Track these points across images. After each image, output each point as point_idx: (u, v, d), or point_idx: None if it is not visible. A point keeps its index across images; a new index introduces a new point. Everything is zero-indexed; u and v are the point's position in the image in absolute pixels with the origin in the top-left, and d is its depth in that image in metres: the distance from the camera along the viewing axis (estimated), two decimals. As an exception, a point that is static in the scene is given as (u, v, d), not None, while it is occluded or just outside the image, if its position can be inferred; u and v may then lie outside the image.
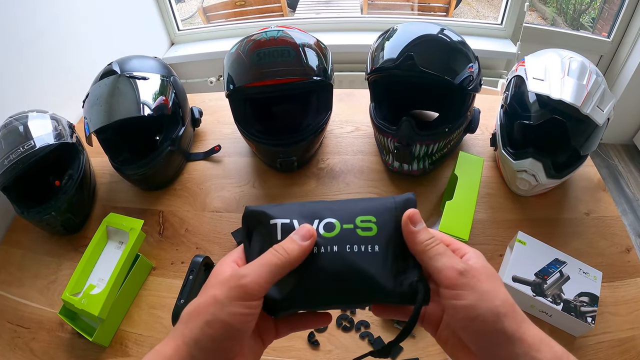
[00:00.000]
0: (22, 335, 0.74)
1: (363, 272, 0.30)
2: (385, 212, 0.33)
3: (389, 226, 0.32)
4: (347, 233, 0.32)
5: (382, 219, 0.32)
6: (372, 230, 0.32)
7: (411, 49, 0.75)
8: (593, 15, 2.08)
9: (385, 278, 0.31)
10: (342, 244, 0.31)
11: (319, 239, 0.31)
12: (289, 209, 0.33)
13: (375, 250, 0.31)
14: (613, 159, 1.92)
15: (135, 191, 0.95)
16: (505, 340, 0.27)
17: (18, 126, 0.82)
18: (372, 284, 0.30)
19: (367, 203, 0.34)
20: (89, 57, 1.23)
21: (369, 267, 0.31)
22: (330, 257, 0.31)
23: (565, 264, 0.68)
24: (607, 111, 0.74)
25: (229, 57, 0.83)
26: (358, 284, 0.31)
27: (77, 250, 0.86)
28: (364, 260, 0.31)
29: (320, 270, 0.31)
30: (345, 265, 0.31)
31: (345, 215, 0.32)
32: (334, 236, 0.31)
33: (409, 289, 0.30)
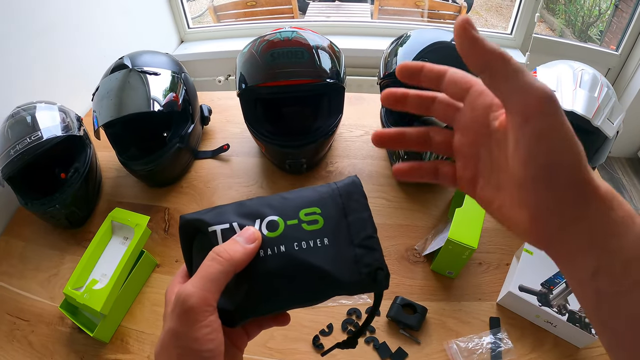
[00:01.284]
0: (21, 327, 0.74)
1: (316, 269, 0.28)
2: (329, 200, 0.31)
3: (335, 215, 0.30)
4: (293, 230, 0.29)
5: (326, 208, 0.30)
6: (318, 222, 0.30)
7: (425, 55, 0.75)
8: (601, 27, 2.09)
9: (341, 271, 0.29)
10: (289, 243, 0.29)
11: (264, 239, 0.29)
12: (225, 211, 0.30)
13: (325, 243, 0.29)
14: (617, 172, 1.92)
15: (142, 187, 0.94)
16: (581, 195, 0.22)
17: (26, 116, 0.81)
18: (329, 280, 0.28)
19: (309, 193, 0.31)
20: (98, 51, 1.23)
21: (322, 262, 0.28)
22: (278, 258, 0.29)
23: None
24: (617, 124, 0.74)
25: (242, 57, 0.83)
26: (313, 282, 0.29)
27: (80, 244, 0.85)
28: (315, 256, 0.29)
29: (270, 274, 0.28)
30: (296, 265, 0.28)
31: (287, 210, 0.30)
32: (278, 235, 0.29)
33: (368, 277, 0.28)
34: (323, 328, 0.67)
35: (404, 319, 0.65)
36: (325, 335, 0.66)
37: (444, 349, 0.64)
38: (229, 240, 0.28)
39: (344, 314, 0.69)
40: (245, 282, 0.28)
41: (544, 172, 0.22)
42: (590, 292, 0.23)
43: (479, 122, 0.26)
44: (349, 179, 0.32)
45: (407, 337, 0.65)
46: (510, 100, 0.22)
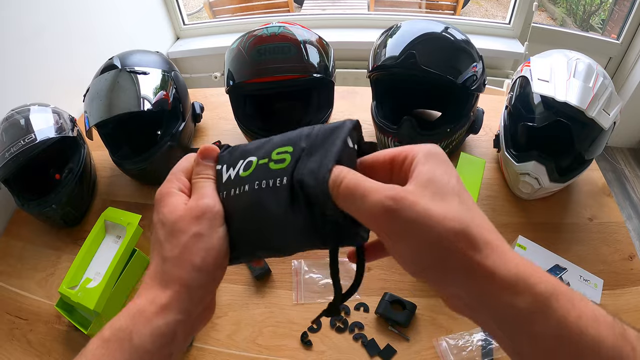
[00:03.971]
0: (20, 326, 0.75)
1: (267, 211, 0.26)
2: (304, 138, 0.28)
3: (303, 156, 0.27)
4: (260, 169, 0.28)
5: (298, 147, 0.27)
6: (284, 161, 0.27)
7: (414, 47, 0.74)
8: (603, 16, 2.04)
9: (295, 214, 0.26)
10: (252, 182, 0.27)
11: (236, 180, 0.28)
12: (234, 150, 0.31)
13: (283, 182, 0.26)
14: (619, 163, 1.89)
15: (136, 186, 0.95)
16: (463, 275, 0.22)
17: (19, 119, 0.82)
18: (278, 223, 0.26)
19: (294, 133, 0.29)
20: (93, 51, 1.23)
21: (272, 204, 0.26)
22: (242, 197, 0.28)
23: (566, 270, 0.67)
24: (614, 115, 0.72)
25: (230, 53, 0.82)
26: (268, 225, 0.27)
27: (76, 243, 0.86)
28: (268, 197, 0.26)
29: (236, 213, 0.28)
30: (253, 205, 0.27)
31: (265, 150, 0.28)
32: (248, 175, 0.28)
33: (330, 227, 0.26)
34: (311, 325, 0.67)
35: (393, 316, 0.65)
36: (314, 332, 0.67)
37: (433, 346, 0.64)
38: (198, 164, 0.30)
39: (333, 311, 0.69)
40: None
41: (410, 268, 0.24)
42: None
43: None
44: (342, 121, 0.28)
45: (396, 333, 0.65)
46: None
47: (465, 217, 0.22)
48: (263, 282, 0.74)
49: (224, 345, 0.67)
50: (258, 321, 0.69)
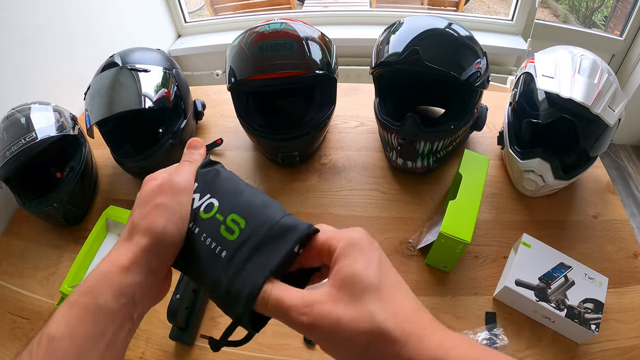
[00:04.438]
0: (21, 325, 0.75)
1: (204, 269, 0.29)
2: (260, 223, 0.29)
3: (248, 240, 0.28)
4: (213, 223, 0.30)
5: (250, 228, 0.29)
6: (234, 233, 0.29)
7: (417, 43, 0.73)
8: (605, 13, 2.03)
9: (219, 289, 0.28)
10: (202, 232, 0.30)
11: (196, 215, 0.31)
12: (206, 181, 0.34)
13: (222, 256, 0.28)
14: (623, 160, 1.88)
15: (137, 184, 0.94)
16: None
17: (20, 118, 0.82)
18: (211, 285, 0.29)
19: (257, 205, 0.30)
20: (94, 49, 1.23)
21: (210, 267, 0.29)
22: (193, 236, 0.30)
23: (571, 268, 0.66)
24: (619, 111, 0.72)
25: (232, 50, 0.82)
26: (199, 274, 0.30)
27: (77, 242, 0.86)
28: (207, 257, 0.29)
29: (188, 245, 0.31)
30: (196, 252, 0.30)
31: (226, 205, 0.31)
32: (205, 219, 0.30)
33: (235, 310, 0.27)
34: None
35: (396, 314, 0.64)
36: (317, 331, 0.66)
37: (437, 343, 0.63)
38: (184, 152, 0.36)
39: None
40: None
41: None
42: None
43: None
44: (305, 225, 0.29)
45: (399, 331, 0.64)
46: None
47: (380, 315, 0.24)
48: (265, 281, 0.74)
49: (227, 344, 0.66)
50: (261, 320, 0.69)
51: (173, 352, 0.67)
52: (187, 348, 0.67)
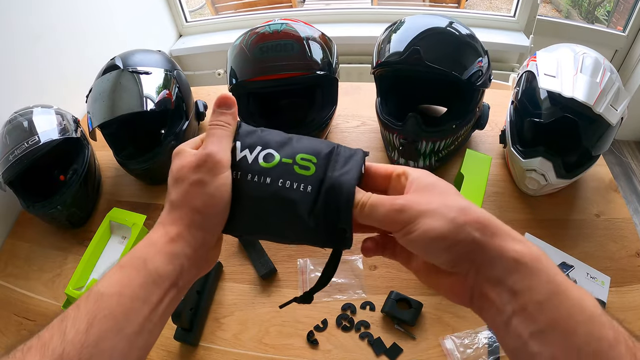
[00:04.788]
0: (27, 327, 0.75)
1: (290, 206, 0.30)
2: (326, 154, 0.32)
3: (323, 169, 0.31)
4: (284, 168, 0.31)
5: (321, 160, 0.31)
6: (309, 169, 0.31)
7: (418, 42, 0.73)
8: (608, 8, 2.01)
9: (312, 219, 0.30)
10: (276, 177, 0.31)
11: (256, 167, 0.31)
12: (250, 133, 0.34)
13: (307, 190, 0.30)
14: (626, 157, 1.87)
15: (140, 185, 0.95)
16: (474, 248, 0.25)
17: (23, 122, 0.82)
18: (298, 221, 0.30)
19: (314, 143, 0.33)
20: (96, 51, 1.23)
21: (298, 204, 0.30)
22: (261, 187, 0.31)
23: (573, 267, 0.66)
24: (621, 110, 0.71)
25: (232, 51, 0.82)
26: (282, 220, 0.31)
27: (82, 244, 0.86)
28: (295, 198, 0.30)
29: (248, 198, 0.31)
30: (274, 199, 0.30)
31: (288, 150, 0.32)
32: (271, 167, 0.31)
33: (329, 232, 0.30)
34: (317, 324, 0.67)
35: (399, 314, 0.65)
36: (320, 331, 0.67)
37: (439, 344, 0.63)
38: (214, 113, 0.33)
39: (339, 310, 0.69)
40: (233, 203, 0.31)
41: (427, 251, 0.27)
42: (512, 337, 0.25)
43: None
44: (355, 149, 0.33)
45: (402, 332, 0.65)
46: (378, 228, 0.30)
47: (468, 203, 0.27)
48: (269, 281, 0.74)
49: (231, 344, 0.67)
50: (264, 320, 0.69)
51: (177, 353, 0.67)
52: (191, 349, 0.67)
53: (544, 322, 0.23)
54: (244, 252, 0.78)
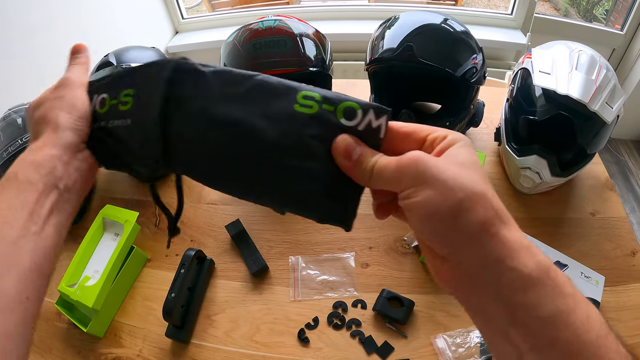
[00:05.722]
0: (19, 324, 0.75)
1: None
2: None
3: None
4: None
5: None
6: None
7: (411, 39, 0.72)
8: (607, 7, 2.00)
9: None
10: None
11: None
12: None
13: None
14: (623, 155, 1.87)
15: (133, 182, 0.94)
16: (471, 240, 0.22)
17: (16, 118, 0.82)
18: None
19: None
20: (91, 47, 1.21)
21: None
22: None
23: (567, 267, 0.66)
24: (617, 108, 0.71)
25: (226, 47, 0.81)
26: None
27: (75, 240, 0.85)
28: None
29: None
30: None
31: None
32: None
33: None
34: (309, 321, 0.67)
35: (391, 313, 0.64)
36: (311, 329, 0.66)
37: (431, 343, 0.63)
38: (70, 59, 0.38)
39: (330, 307, 0.68)
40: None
41: (423, 225, 0.24)
42: (508, 349, 0.22)
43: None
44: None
45: (393, 331, 0.64)
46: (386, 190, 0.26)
47: (490, 189, 0.23)
48: (260, 279, 0.74)
49: (222, 342, 0.67)
50: (255, 318, 0.69)
51: (169, 350, 0.67)
52: (183, 346, 0.67)
53: (546, 339, 0.21)
54: (235, 249, 0.78)
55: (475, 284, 0.23)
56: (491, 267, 0.22)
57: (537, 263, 0.22)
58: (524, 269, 0.22)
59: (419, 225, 0.24)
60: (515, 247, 0.22)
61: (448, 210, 0.22)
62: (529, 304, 0.21)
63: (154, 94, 0.28)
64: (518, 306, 0.22)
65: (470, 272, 0.23)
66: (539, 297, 0.21)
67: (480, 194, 0.22)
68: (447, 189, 0.22)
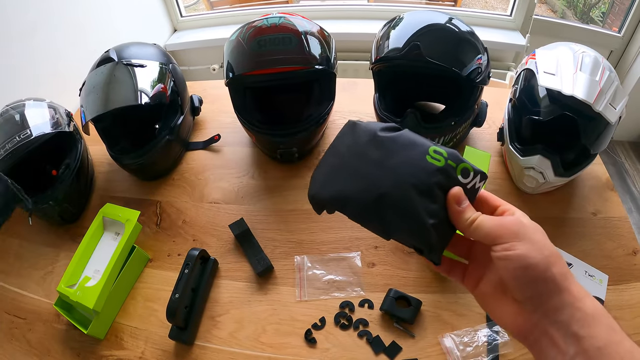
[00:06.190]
0: (19, 326, 0.74)
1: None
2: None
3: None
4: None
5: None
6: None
7: (417, 38, 0.72)
8: (603, 9, 2.02)
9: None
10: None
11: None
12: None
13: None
14: (620, 156, 1.89)
15: (133, 181, 0.93)
16: (554, 288, 0.29)
17: (14, 115, 0.80)
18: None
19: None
20: (89, 45, 1.21)
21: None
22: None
23: (571, 265, 0.66)
24: (620, 109, 0.71)
25: (229, 45, 0.80)
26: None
27: (74, 240, 0.85)
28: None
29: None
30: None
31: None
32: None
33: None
34: (315, 322, 0.66)
35: (398, 313, 0.64)
36: (318, 329, 0.66)
37: (439, 342, 0.63)
38: None
39: (337, 307, 0.68)
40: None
41: (518, 273, 0.30)
42: None
43: (486, 251, 0.33)
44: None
45: (401, 330, 0.64)
46: (480, 242, 0.32)
47: (559, 253, 0.31)
48: (265, 279, 0.73)
49: (227, 343, 0.66)
50: (261, 319, 0.68)
51: (172, 352, 0.66)
52: (186, 347, 0.66)
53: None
54: (240, 249, 0.77)
55: (550, 324, 0.29)
56: (567, 308, 0.28)
57: (594, 306, 0.29)
58: (587, 309, 0.28)
59: (514, 273, 0.30)
60: (581, 294, 0.29)
61: (542, 262, 0.29)
62: (592, 335, 0.28)
63: None
64: (585, 338, 0.28)
65: (548, 314, 0.29)
66: (599, 331, 0.28)
67: (557, 254, 0.30)
68: (540, 246, 0.29)
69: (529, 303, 0.30)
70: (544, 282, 0.29)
